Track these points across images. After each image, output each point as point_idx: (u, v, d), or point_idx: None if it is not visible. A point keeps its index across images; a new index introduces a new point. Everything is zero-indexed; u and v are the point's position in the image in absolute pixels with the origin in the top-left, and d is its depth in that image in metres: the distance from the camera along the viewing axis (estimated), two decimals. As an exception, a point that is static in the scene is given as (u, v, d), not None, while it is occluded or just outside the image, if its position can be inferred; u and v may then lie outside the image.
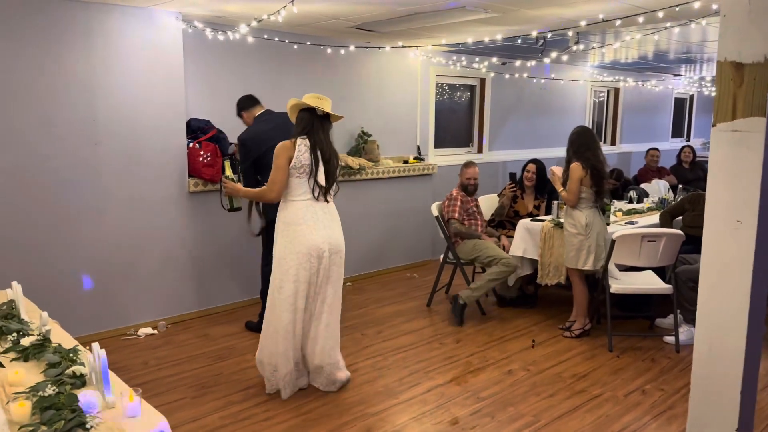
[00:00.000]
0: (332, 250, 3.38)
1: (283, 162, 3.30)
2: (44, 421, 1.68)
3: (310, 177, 3.32)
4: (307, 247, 3.28)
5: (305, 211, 3.32)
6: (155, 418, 1.76)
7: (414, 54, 6.33)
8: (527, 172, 5.38)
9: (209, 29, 4.73)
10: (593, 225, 4.32)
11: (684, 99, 11.47)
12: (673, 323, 4.42)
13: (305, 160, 3.30)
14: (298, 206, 3.33)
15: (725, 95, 1.86)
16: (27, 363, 2.14)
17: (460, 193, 5.07)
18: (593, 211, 4.35)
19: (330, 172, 3.39)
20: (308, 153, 3.31)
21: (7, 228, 3.92)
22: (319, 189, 3.35)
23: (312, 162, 3.31)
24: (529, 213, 5.35)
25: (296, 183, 3.32)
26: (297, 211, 3.32)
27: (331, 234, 3.38)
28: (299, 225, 3.30)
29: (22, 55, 3.86)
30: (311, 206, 3.34)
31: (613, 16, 4.05)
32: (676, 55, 7.05)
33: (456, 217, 4.97)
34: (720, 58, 1.86)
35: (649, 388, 3.66)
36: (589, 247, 4.32)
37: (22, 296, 2.60)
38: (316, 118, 3.37)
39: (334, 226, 3.44)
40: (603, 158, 4.35)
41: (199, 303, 4.89)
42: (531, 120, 8.08)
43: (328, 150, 3.38)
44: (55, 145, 4.05)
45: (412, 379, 3.76)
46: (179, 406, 3.38)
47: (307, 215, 3.31)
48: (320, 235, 3.32)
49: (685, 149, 7.73)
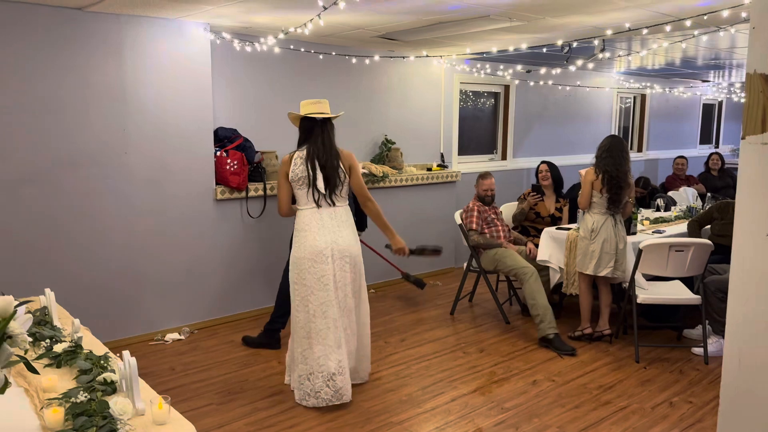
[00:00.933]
0: (337, 255, 3.42)
1: (281, 178, 3.50)
2: (76, 428, 1.72)
3: (309, 187, 3.41)
4: (309, 252, 3.38)
5: (310, 218, 3.44)
6: (184, 426, 1.79)
7: (438, 62, 6.35)
8: (540, 173, 5.39)
9: (237, 40, 4.80)
10: (600, 231, 4.33)
11: (712, 105, 11.29)
12: (701, 334, 4.35)
13: (301, 173, 3.41)
14: (305, 214, 3.46)
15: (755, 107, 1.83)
16: (59, 369, 2.19)
17: (476, 203, 5.06)
18: (604, 218, 4.35)
19: (328, 177, 3.43)
20: (303, 165, 3.41)
21: (39, 235, 4.02)
22: (320, 195, 3.42)
23: (309, 172, 3.41)
24: (551, 215, 5.32)
25: (299, 194, 3.47)
26: (303, 219, 3.46)
27: (336, 239, 3.43)
28: (305, 231, 3.43)
29: (54, 65, 3.96)
30: (316, 213, 3.44)
31: (639, 25, 4.02)
32: (704, 61, 6.96)
33: (474, 227, 4.95)
34: (749, 70, 1.84)
35: (676, 400, 3.61)
36: (592, 252, 4.34)
37: (54, 303, 2.66)
38: (315, 124, 3.46)
39: (343, 231, 3.47)
40: (625, 168, 4.32)
41: (226, 309, 4.95)
42: (556, 127, 8.02)
43: (327, 155, 3.43)
44: (86, 154, 4.15)
45: (435, 389, 3.76)
46: (206, 412, 3.42)
47: (311, 222, 3.42)
48: (324, 240, 3.40)
49: (713, 156, 7.61)
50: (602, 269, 4.35)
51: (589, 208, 4.41)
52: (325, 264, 3.39)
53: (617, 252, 4.34)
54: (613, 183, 4.28)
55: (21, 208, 3.93)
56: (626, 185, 4.34)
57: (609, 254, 4.33)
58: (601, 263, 4.35)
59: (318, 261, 3.39)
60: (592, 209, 4.40)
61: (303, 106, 3.48)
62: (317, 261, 3.39)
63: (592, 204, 4.39)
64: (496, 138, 7.49)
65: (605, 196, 4.32)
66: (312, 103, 3.47)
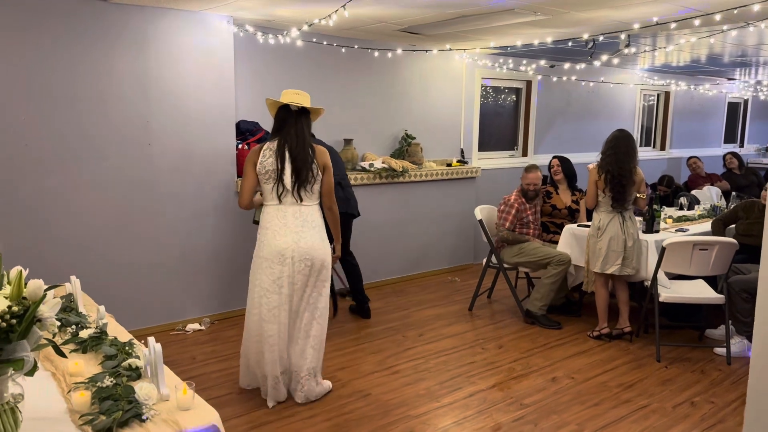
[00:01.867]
0: (297, 257, 3.23)
1: (249, 169, 3.31)
2: (103, 411, 1.74)
3: (276, 181, 3.24)
4: (268, 252, 3.24)
5: (273, 215, 3.27)
6: (208, 412, 1.81)
7: (460, 56, 6.32)
8: (552, 167, 5.39)
9: (260, 33, 4.82)
10: (606, 229, 4.33)
11: (738, 104, 11.10)
12: (723, 334, 4.30)
13: (269, 165, 3.24)
14: (268, 210, 3.31)
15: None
16: (85, 354, 2.22)
17: (518, 200, 4.98)
18: (610, 216, 4.34)
19: (298, 170, 3.22)
20: (273, 157, 3.24)
21: (63, 225, 4.07)
22: (284, 190, 3.23)
23: (278, 165, 3.23)
24: (567, 207, 5.29)
25: (265, 189, 3.30)
26: (266, 215, 3.31)
27: (297, 240, 3.23)
28: (266, 229, 3.28)
29: (79, 57, 4.01)
30: (279, 210, 3.26)
31: (667, 19, 3.96)
32: (730, 58, 6.85)
33: (507, 226, 4.93)
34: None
35: (698, 400, 3.57)
36: (599, 249, 4.34)
37: (80, 290, 2.70)
38: (290, 115, 3.27)
39: (306, 232, 3.26)
40: (628, 166, 4.28)
41: (246, 300, 4.98)
42: (578, 124, 7.95)
43: (299, 146, 3.23)
44: (111, 145, 4.19)
45: (453, 383, 3.75)
46: (226, 401, 3.45)
47: (273, 219, 3.26)
48: (284, 240, 3.22)
49: (727, 156, 7.51)
50: (609, 267, 4.32)
51: (597, 207, 4.42)
52: (283, 266, 3.23)
53: (626, 249, 4.31)
54: (615, 182, 4.26)
55: (46, 199, 3.99)
56: (630, 183, 4.30)
57: (616, 252, 4.30)
58: (608, 261, 4.32)
59: (275, 262, 3.23)
60: (598, 208, 4.41)
61: (283, 95, 3.31)
62: (275, 262, 3.23)
63: (598, 203, 4.40)
64: (517, 134, 7.44)
65: (609, 195, 4.29)
66: (292, 93, 3.30)
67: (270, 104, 3.35)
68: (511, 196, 5.03)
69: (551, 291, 4.76)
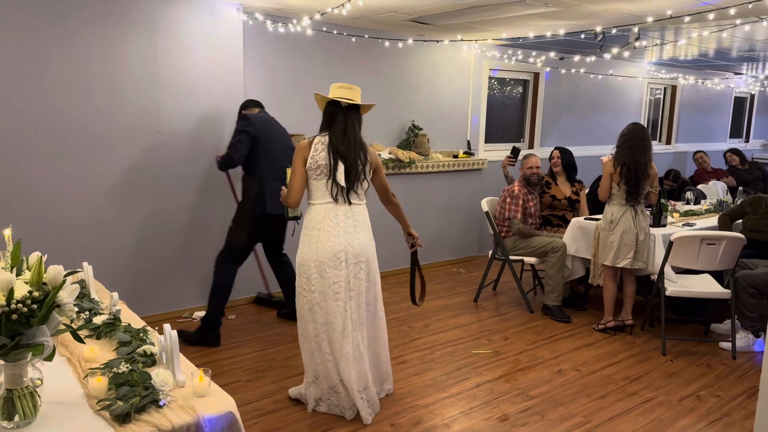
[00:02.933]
0: (352, 260, 3.07)
1: (299, 164, 3.09)
2: (120, 397, 1.75)
3: (328, 178, 3.05)
4: (322, 254, 3.03)
5: (325, 215, 3.06)
6: (224, 399, 1.82)
7: (468, 47, 6.29)
8: (552, 159, 5.38)
9: (270, 21, 4.80)
10: (619, 222, 4.33)
11: (744, 98, 11.06)
12: (729, 329, 4.31)
13: (321, 160, 3.04)
14: (318, 210, 3.08)
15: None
16: (99, 341, 2.23)
17: (522, 189, 5.00)
18: (623, 209, 4.35)
19: (350, 169, 3.05)
20: (325, 152, 3.05)
21: (73, 210, 4.08)
22: (338, 189, 3.05)
23: (330, 161, 3.04)
24: (567, 197, 5.29)
25: (315, 185, 3.09)
26: (316, 215, 3.08)
27: (351, 240, 3.06)
28: (318, 230, 3.05)
29: (88, 45, 4.00)
30: (332, 210, 3.06)
31: (680, 13, 3.95)
32: (738, 53, 6.82)
33: (519, 217, 4.94)
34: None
35: (704, 394, 3.58)
36: (611, 243, 4.35)
37: (92, 277, 2.71)
38: (340, 110, 3.10)
39: (358, 232, 3.10)
40: (644, 159, 4.27)
41: (252, 289, 5.00)
42: (585, 117, 7.93)
43: (347, 145, 3.06)
44: (120, 132, 4.19)
45: (460, 374, 3.77)
46: (234, 388, 3.47)
47: (326, 220, 3.05)
48: (338, 241, 3.03)
49: (726, 154, 7.50)
50: (621, 260, 4.33)
51: (609, 200, 4.42)
52: (339, 269, 3.04)
53: (637, 243, 4.32)
54: (630, 176, 4.26)
55: (56, 185, 4.00)
56: (645, 176, 4.30)
57: (628, 245, 4.31)
58: (619, 254, 4.33)
59: (330, 265, 3.04)
60: (611, 201, 4.41)
61: (332, 89, 3.14)
62: (330, 265, 3.04)
63: (611, 195, 4.40)
64: (524, 126, 7.43)
65: (623, 188, 4.29)
66: (341, 87, 3.12)
67: (319, 99, 3.18)
68: (514, 187, 5.03)
69: (560, 280, 4.79)
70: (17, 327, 1.55)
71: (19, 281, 1.59)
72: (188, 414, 1.71)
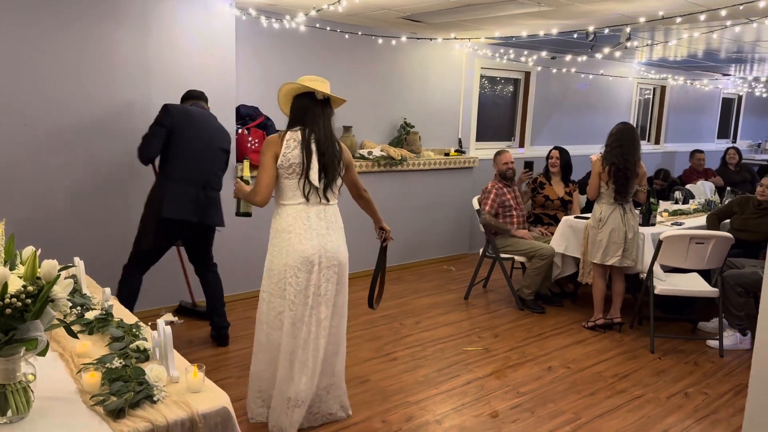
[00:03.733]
0: (325, 263, 2.88)
1: (269, 160, 2.84)
2: (113, 392, 1.74)
3: (301, 177, 2.84)
4: (294, 258, 2.83)
5: (296, 216, 2.86)
6: (219, 395, 1.82)
7: (460, 46, 6.31)
8: (551, 158, 5.42)
9: (263, 17, 4.78)
10: (607, 221, 4.38)
11: (732, 99, 11.18)
12: (716, 327, 4.36)
13: (294, 158, 2.82)
14: (288, 211, 2.88)
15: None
16: (91, 336, 2.22)
17: (495, 185, 5.08)
18: (612, 208, 4.39)
19: (327, 167, 2.86)
20: (299, 149, 2.83)
21: (64, 205, 4.05)
22: (311, 189, 2.85)
23: (303, 158, 2.82)
24: (560, 198, 5.33)
25: (286, 184, 2.87)
26: (287, 217, 2.87)
27: (324, 243, 2.88)
28: (288, 233, 2.85)
29: (80, 39, 3.96)
30: (303, 211, 2.86)
31: (672, 14, 3.98)
32: (727, 54, 6.88)
33: (487, 209, 4.99)
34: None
35: (692, 391, 3.62)
36: (600, 241, 4.40)
37: (83, 272, 2.69)
38: (315, 104, 2.88)
39: (331, 235, 2.91)
40: (633, 158, 4.31)
41: (243, 286, 4.99)
42: (575, 116, 7.98)
43: (326, 141, 2.86)
44: (111, 126, 4.16)
45: (451, 371, 3.79)
46: (224, 385, 3.44)
47: (297, 222, 2.85)
48: (311, 244, 2.84)
49: (729, 151, 7.55)
50: (609, 258, 4.37)
51: (598, 198, 4.47)
52: (310, 273, 2.86)
53: (626, 241, 4.36)
54: (619, 175, 4.30)
55: (46, 178, 3.96)
56: (633, 175, 4.34)
57: (617, 244, 4.35)
58: (608, 252, 4.37)
59: (302, 270, 2.84)
60: (600, 199, 4.45)
61: (304, 81, 2.87)
62: (302, 270, 2.84)
63: (600, 194, 4.44)
64: (515, 125, 7.46)
65: (612, 187, 4.33)
66: (313, 80, 2.87)
67: (288, 90, 2.90)
68: (488, 185, 5.15)
69: (538, 281, 4.94)
70: (11, 322, 1.54)
71: (13, 275, 1.57)
72: (183, 409, 1.71)
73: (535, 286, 4.95)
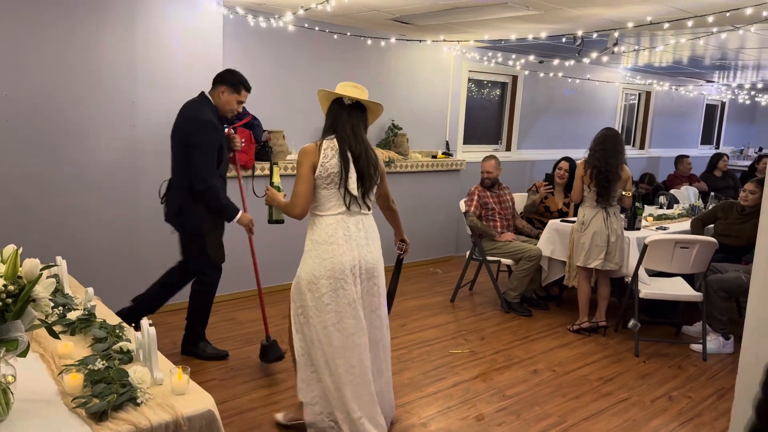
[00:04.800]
0: (365, 275, 2.82)
1: (307, 171, 2.74)
2: (96, 394, 1.71)
3: (340, 186, 2.75)
4: (338, 270, 2.75)
5: (336, 227, 2.77)
6: (203, 397, 1.80)
7: (448, 48, 6.31)
8: (559, 170, 5.40)
9: (251, 16, 4.75)
10: (590, 224, 4.42)
11: (715, 106, 11.31)
12: (699, 331, 4.39)
13: (333, 167, 2.73)
14: (328, 222, 2.78)
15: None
16: (73, 337, 2.18)
17: (478, 187, 5.14)
18: (594, 211, 4.43)
19: (363, 173, 2.77)
20: (336, 158, 2.73)
21: (45, 204, 3.98)
22: (351, 198, 2.76)
23: (341, 167, 2.73)
24: (559, 209, 5.35)
25: (324, 195, 2.77)
26: (327, 228, 2.77)
27: (365, 254, 2.81)
28: (330, 244, 2.75)
29: (64, 35, 3.91)
30: (343, 221, 2.78)
31: (660, 19, 4.01)
32: (711, 61, 6.96)
33: (472, 210, 5.02)
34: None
35: (676, 394, 3.64)
36: (583, 243, 4.44)
37: (66, 272, 2.65)
38: (344, 109, 2.81)
39: (371, 245, 2.85)
40: (615, 162, 4.34)
41: (227, 287, 4.93)
42: (561, 120, 8.02)
43: (358, 146, 2.77)
44: (95, 125, 4.11)
45: (437, 373, 3.78)
46: (209, 387, 3.40)
47: (338, 232, 2.76)
48: (353, 255, 2.77)
49: (724, 157, 7.63)
50: (592, 261, 4.40)
51: (582, 202, 4.51)
52: (355, 285, 2.78)
53: (608, 244, 4.39)
54: (600, 177, 4.33)
55: (27, 177, 3.90)
56: (615, 178, 4.36)
57: (599, 246, 4.37)
58: (591, 255, 4.40)
59: (346, 281, 2.75)
60: (584, 203, 4.50)
61: (338, 87, 2.82)
62: (345, 281, 2.75)
63: (584, 197, 4.48)
64: (502, 128, 7.48)
65: (594, 190, 4.36)
66: (349, 86, 2.81)
67: (322, 96, 2.86)
68: (472, 187, 5.20)
69: (524, 284, 4.95)
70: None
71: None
72: (167, 412, 1.68)
73: (522, 289, 4.96)
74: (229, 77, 3.66)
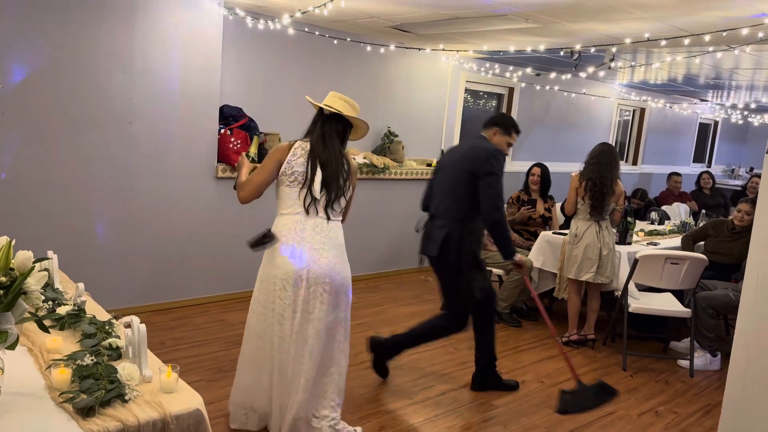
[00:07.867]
0: (314, 280, 2.76)
1: (270, 164, 2.80)
2: (83, 390, 1.70)
3: (303, 187, 2.77)
4: (283, 271, 2.75)
5: (291, 227, 2.77)
6: (192, 396, 1.79)
7: (446, 58, 6.35)
8: (532, 176, 5.44)
9: (250, 18, 4.76)
10: (583, 236, 4.44)
11: (708, 125, 11.41)
12: (687, 347, 4.41)
13: (298, 167, 2.77)
14: (285, 221, 2.80)
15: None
16: (63, 332, 2.16)
17: None
18: (587, 224, 4.45)
19: (328, 181, 2.77)
20: (304, 158, 2.78)
21: (40, 198, 3.96)
22: (311, 201, 2.76)
23: (308, 169, 2.77)
24: (541, 216, 5.38)
25: (287, 193, 2.79)
26: (282, 227, 2.79)
27: (317, 259, 2.76)
28: (281, 244, 2.78)
29: (62, 30, 3.90)
30: (299, 222, 2.77)
31: (658, 36, 4.05)
32: (706, 80, 7.03)
33: None
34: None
35: (662, 410, 3.65)
36: (575, 256, 4.46)
37: (57, 266, 2.63)
38: (323, 118, 2.87)
39: (327, 251, 2.79)
40: (610, 176, 4.37)
41: (218, 288, 4.93)
42: (555, 133, 8.06)
43: (328, 153, 2.79)
44: (91, 120, 4.09)
45: (425, 382, 3.77)
46: (196, 388, 3.34)
47: (291, 233, 2.76)
48: (301, 259, 2.75)
49: (704, 175, 7.70)
50: (584, 273, 4.42)
51: (575, 214, 4.53)
52: (298, 288, 2.75)
53: (600, 258, 4.41)
54: (595, 190, 4.36)
55: (23, 171, 3.88)
56: (610, 192, 4.39)
57: (591, 259, 4.39)
58: (582, 268, 4.41)
59: (289, 283, 2.75)
60: (577, 215, 4.52)
61: (327, 97, 2.90)
62: (289, 283, 2.75)
63: (577, 210, 4.50)
64: (496, 139, 7.49)
65: (588, 203, 4.38)
66: (337, 98, 2.87)
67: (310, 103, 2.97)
68: None
69: (514, 294, 4.97)
70: (-19, 313, 1.49)
71: (-15, 266, 1.53)
72: (155, 410, 1.67)
73: (512, 299, 4.98)
74: (501, 120, 3.75)
